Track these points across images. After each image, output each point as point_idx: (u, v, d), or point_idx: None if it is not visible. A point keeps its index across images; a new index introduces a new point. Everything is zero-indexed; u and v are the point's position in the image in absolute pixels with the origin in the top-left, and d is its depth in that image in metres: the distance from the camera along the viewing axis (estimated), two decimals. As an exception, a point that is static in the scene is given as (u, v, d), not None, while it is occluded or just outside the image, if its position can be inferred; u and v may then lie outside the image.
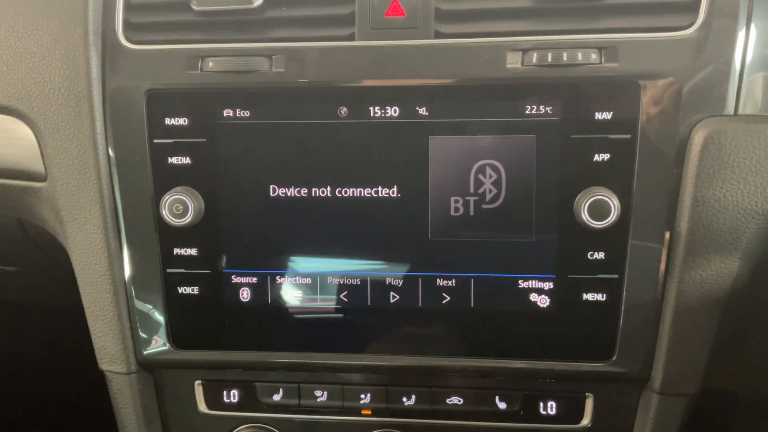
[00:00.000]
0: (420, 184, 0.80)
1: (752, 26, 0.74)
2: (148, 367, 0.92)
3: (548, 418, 0.88)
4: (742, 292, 0.78)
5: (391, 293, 0.83)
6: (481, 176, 0.79)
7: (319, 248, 0.84)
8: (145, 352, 0.89)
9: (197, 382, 0.93)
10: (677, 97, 0.74)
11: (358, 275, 0.84)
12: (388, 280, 0.83)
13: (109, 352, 0.89)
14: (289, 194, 0.82)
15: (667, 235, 0.77)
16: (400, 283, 0.83)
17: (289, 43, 0.79)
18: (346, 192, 0.81)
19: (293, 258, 0.84)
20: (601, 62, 0.75)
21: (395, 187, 0.80)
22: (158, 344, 0.88)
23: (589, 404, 0.88)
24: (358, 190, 0.81)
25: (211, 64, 0.80)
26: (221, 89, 0.81)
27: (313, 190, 0.82)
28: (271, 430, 0.93)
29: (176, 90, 0.81)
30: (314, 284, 0.85)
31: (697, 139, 0.74)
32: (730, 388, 1.20)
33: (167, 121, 0.82)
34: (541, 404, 0.88)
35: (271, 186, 0.82)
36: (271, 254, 0.84)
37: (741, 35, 0.74)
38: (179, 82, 0.81)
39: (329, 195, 0.81)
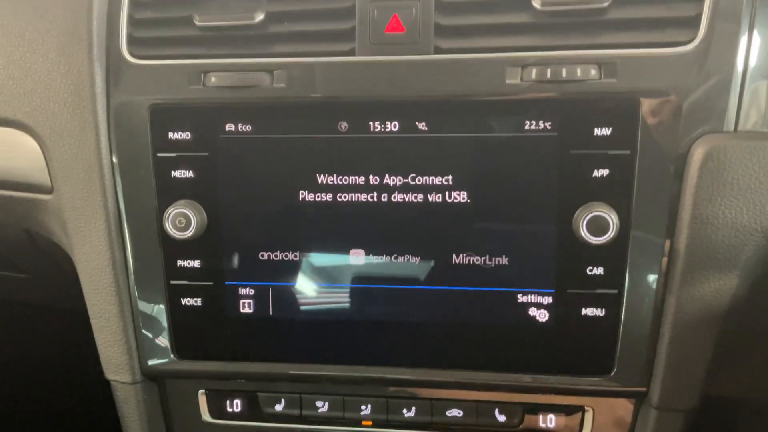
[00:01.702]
0: (419, 199, 0.80)
1: (753, 42, 0.73)
2: (153, 377, 0.93)
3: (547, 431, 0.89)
4: (742, 308, 0.78)
5: (391, 306, 0.84)
6: (479, 191, 0.80)
7: (321, 260, 0.84)
8: (149, 363, 0.90)
9: (201, 391, 0.95)
10: (677, 114, 0.74)
11: (359, 288, 0.84)
12: (387, 294, 0.84)
13: (115, 361, 0.90)
14: (290, 207, 0.83)
15: (666, 251, 0.77)
16: (400, 297, 0.83)
17: (290, 59, 0.80)
18: (346, 206, 0.82)
19: (295, 270, 0.85)
20: (600, 78, 0.75)
21: (395, 200, 0.81)
22: (162, 355, 0.89)
23: (588, 418, 0.88)
24: (359, 204, 0.81)
25: (213, 79, 0.80)
26: (223, 104, 0.81)
27: (314, 204, 0.82)
28: None
29: (179, 104, 0.82)
30: (316, 296, 0.85)
31: (697, 155, 0.73)
32: (735, 395, 1.19)
33: (170, 135, 0.83)
34: (541, 417, 0.88)
35: (273, 199, 0.83)
36: (273, 267, 0.85)
37: (742, 51, 0.73)
38: (182, 97, 0.82)
39: (329, 209, 0.82)
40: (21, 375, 1.43)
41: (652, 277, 0.78)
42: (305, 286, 0.85)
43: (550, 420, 0.88)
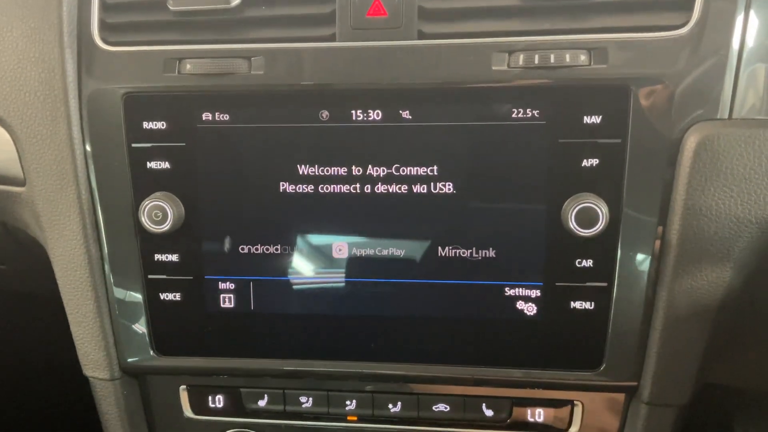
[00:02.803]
0: (403, 190, 0.78)
1: (749, 25, 0.71)
2: (132, 374, 0.91)
3: (536, 426, 0.87)
4: (736, 301, 0.76)
5: (375, 300, 0.82)
6: (465, 182, 0.77)
7: (303, 254, 0.82)
8: (128, 359, 0.88)
9: (182, 387, 0.93)
10: (669, 100, 0.71)
11: (342, 282, 0.82)
12: (371, 288, 0.81)
13: (93, 358, 0.88)
14: (270, 199, 0.80)
15: (658, 243, 0.75)
16: (384, 291, 0.81)
17: (268, 45, 0.77)
18: (328, 197, 0.79)
19: (276, 264, 0.82)
20: (590, 64, 0.72)
21: (378, 191, 0.78)
22: (141, 351, 0.87)
23: (577, 413, 0.86)
24: (341, 195, 0.79)
25: (188, 66, 0.78)
26: (199, 92, 0.79)
27: (295, 195, 0.80)
28: None
29: (154, 93, 0.79)
30: (297, 290, 0.83)
31: (690, 144, 0.71)
32: (731, 387, 1.18)
33: (145, 124, 0.80)
34: (529, 412, 0.87)
35: (252, 191, 0.80)
36: (253, 260, 0.82)
37: (738, 34, 0.71)
38: (157, 85, 0.79)
39: (311, 200, 0.79)
40: (2, 367, 1.42)
41: (642, 270, 0.76)
42: (287, 280, 0.83)
43: (539, 414, 0.87)
